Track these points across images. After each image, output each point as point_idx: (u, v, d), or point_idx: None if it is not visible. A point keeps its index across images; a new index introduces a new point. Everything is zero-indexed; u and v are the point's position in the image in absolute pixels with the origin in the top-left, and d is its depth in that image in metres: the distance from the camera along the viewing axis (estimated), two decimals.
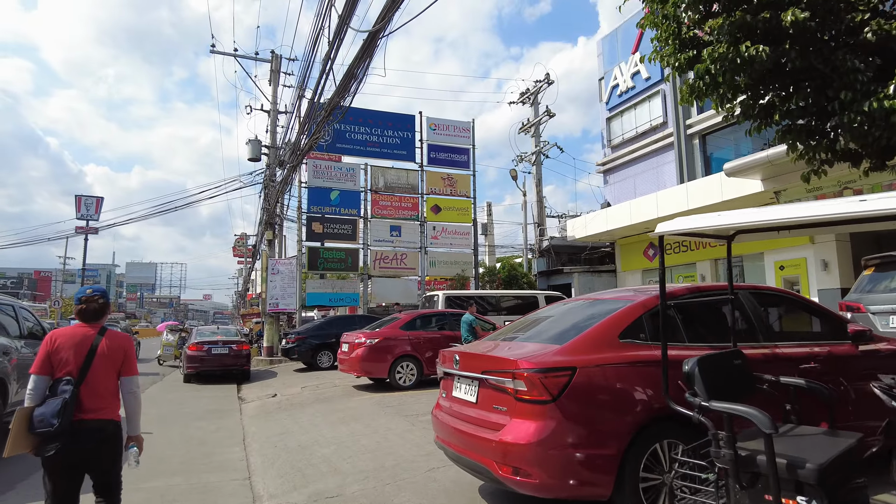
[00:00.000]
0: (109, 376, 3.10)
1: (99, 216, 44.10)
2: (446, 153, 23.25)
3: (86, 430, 2.95)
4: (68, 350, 3.00)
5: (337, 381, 12.73)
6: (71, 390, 2.91)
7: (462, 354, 4.20)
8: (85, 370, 3.00)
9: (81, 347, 3.02)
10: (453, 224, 23.01)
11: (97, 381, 3.03)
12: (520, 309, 15.89)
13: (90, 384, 3.00)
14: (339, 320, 16.91)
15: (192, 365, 14.18)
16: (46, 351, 3.00)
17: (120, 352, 3.14)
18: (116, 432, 3.11)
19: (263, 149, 20.41)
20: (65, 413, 2.84)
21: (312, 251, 20.56)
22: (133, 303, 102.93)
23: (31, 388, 2.96)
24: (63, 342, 3.02)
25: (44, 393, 2.95)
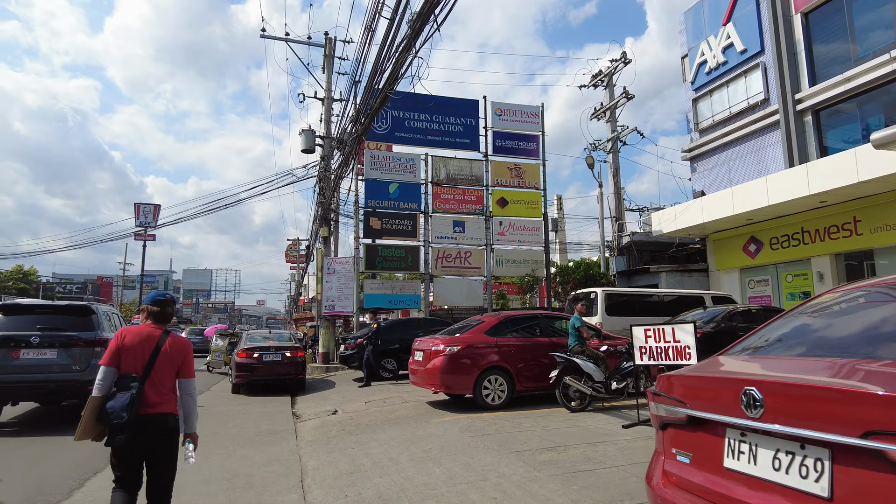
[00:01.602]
0: (169, 374, 3.34)
1: (156, 223, 44.83)
2: (513, 141, 21.14)
3: (150, 423, 3.19)
4: (135, 347, 3.25)
5: (406, 396, 10.81)
6: (137, 386, 3.15)
7: (777, 387, 1.95)
8: (149, 367, 3.25)
9: (147, 346, 3.27)
10: (521, 219, 20.83)
11: (160, 377, 3.28)
12: (680, 310, 13.73)
13: (154, 380, 3.25)
14: (400, 324, 15.06)
15: (242, 374, 12.58)
16: (116, 346, 3.23)
17: (180, 354, 3.38)
18: (175, 426, 3.32)
19: (317, 139, 18.88)
20: (132, 407, 3.08)
21: (370, 249, 18.82)
22: (189, 308, 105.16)
23: (100, 378, 3.18)
24: (131, 339, 3.27)
25: (111, 384, 3.20)
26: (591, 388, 8.36)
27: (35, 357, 7.74)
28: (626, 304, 14.63)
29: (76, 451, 6.39)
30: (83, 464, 6.16)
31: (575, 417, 7.97)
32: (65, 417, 8.88)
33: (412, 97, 20.16)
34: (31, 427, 8.54)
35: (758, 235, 18.69)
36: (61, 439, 7.35)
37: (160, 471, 3.33)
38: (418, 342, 9.53)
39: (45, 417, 9.32)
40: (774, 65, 18.07)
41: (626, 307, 14.43)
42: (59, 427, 8.06)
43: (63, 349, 7.88)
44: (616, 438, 6.55)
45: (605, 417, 7.95)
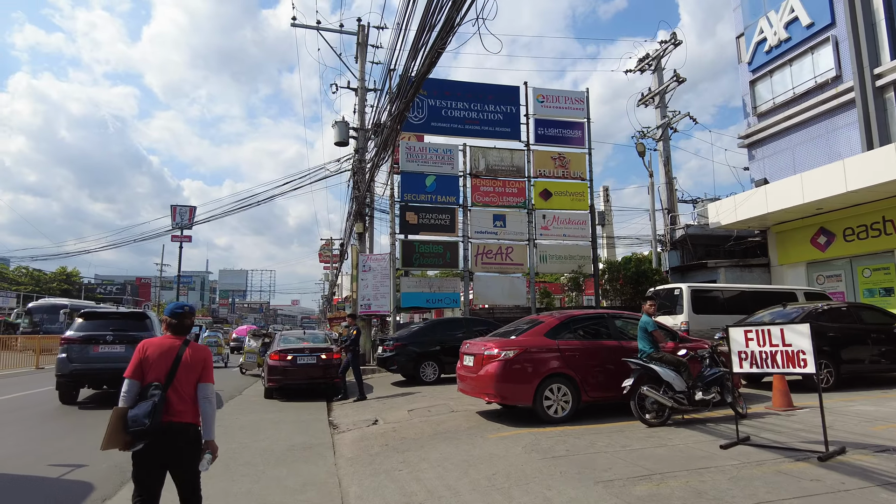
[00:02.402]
0: (191, 383, 3.38)
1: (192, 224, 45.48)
2: (556, 129, 19.90)
3: (171, 431, 3.21)
4: (157, 358, 3.31)
5: (452, 403, 9.78)
6: (160, 394, 3.19)
7: None
8: (171, 377, 3.30)
9: (168, 356, 3.33)
10: (566, 212, 19.59)
11: (181, 386, 3.32)
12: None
13: (176, 389, 3.29)
14: (440, 325, 14.04)
15: (274, 377, 11.76)
16: (139, 358, 3.32)
17: (200, 362, 3.43)
18: (197, 435, 3.36)
19: (351, 131, 18.04)
20: (154, 414, 3.11)
21: (406, 245, 17.86)
22: (225, 308, 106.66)
23: (125, 390, 3.25)
24: (152, 351, 3.34)
25: (136, 395, 3.25)
26: (671, 400, 7.19)
27: (108, 351, 10.35)
28: (713, 300, 13.33)
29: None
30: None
31: (657, 434, 6.80)
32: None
33: (449, 84, 19.29)
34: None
35: (829, 226, 17.05)
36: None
37: (185, 475, 3.35)
38: (468, 345, 8.48)
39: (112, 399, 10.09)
40: (849, 37, 16.38)
41: (713, 304, 13.13)
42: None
43: (128, 344, 10.25)
44: (720, 463, 5.38)
45: (693, 434, 6.76)
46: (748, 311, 11.49)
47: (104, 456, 5.43)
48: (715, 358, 7.73)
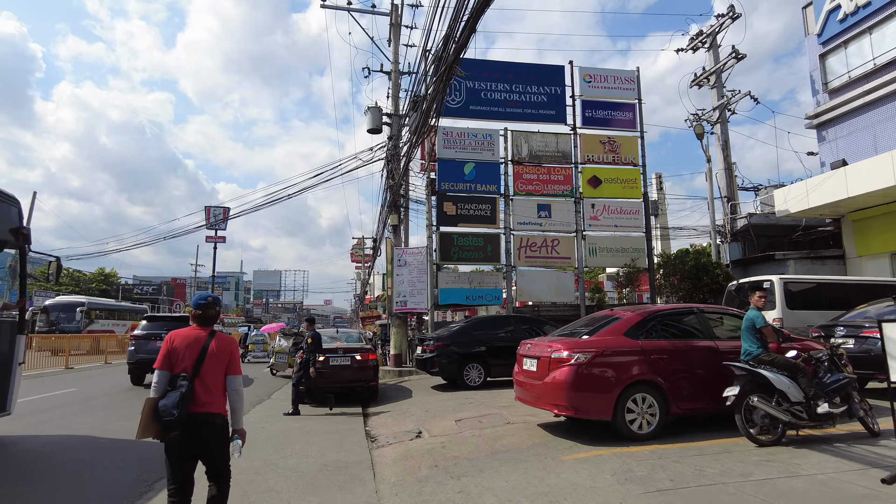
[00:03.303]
0: (218, 374, 3.41)
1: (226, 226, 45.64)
2: (605, 110, 18.39)
3: (199, 421, 3.27)
4: (184, 349, 3.35)
5: (506, 413, 8.51)
6: (187, 385, 3.25)
7: None
8: (198, 367, 3.33)
9: (195, 347, 3.37)
10: (617, 200, 18.06)
11: (208, 377, 3.36)
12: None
13: (202, 380, 3.33)
14: (485, 323, 12.77)
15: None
16: (167, 349, 3.36)
17: (227, 353, 3.47)
18: (224, 425, 3.41)
19: (385, 118, 16.93)
20: (182, 405, 3.19)
21: (444, 237, 16.64)
22: (259, 308, 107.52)
23: (155, 381, 3.32)
24: (179, 342, 3.38)
25: (165, 385, 3.31)
26: (788, 413, 5.77)
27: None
28: (810, 294, 11.74)
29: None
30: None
31: (776, 457, 5.40)
32: None
33: (488, 65, 17.98)
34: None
35: None
36: None
37: (214, 463, 3.43)
38: (529, 346, 7.17)
39: None
40: None
41: (809, 299, 11.56)
42: None
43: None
44: None
45: (827, 459, 5.33)
46: (849, 307, 9.86)
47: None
48: (836, 361, 6.27)
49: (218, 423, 3.37)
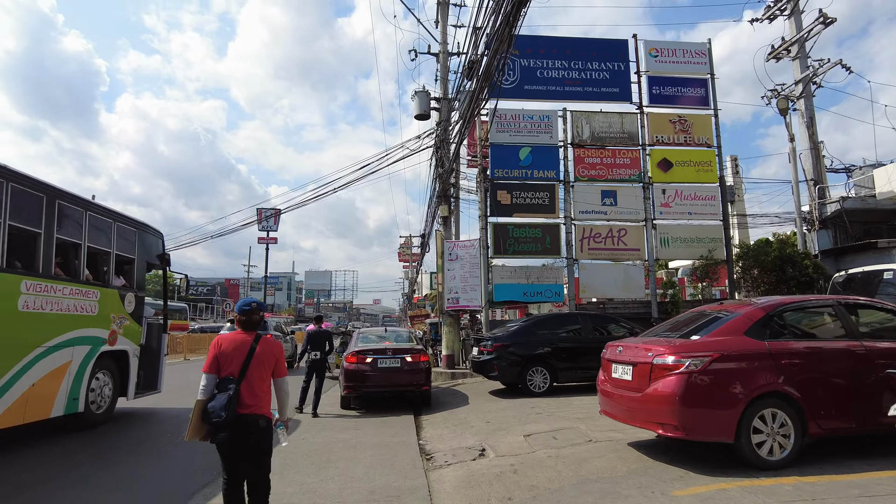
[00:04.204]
0: (264, 377, 3.49)
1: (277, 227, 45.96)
2: (674, 87, 16.68)
3: (244, 423, 3.34)
4: (231, 353, 3.44)
5: (583, 427, 7.20)
6: (234, 388, 3.33)
7: None
8: (244, 371, 3.41)
9: (241, 351, 3.45)
10: (690, 185, 16.33)
11: (254, 380, 3.43)
12: None
13: (249, 383, 3.41)
14: (551, 321, 11.43)
15: (351, 384, 9.67)
16: (214, 353, 3.46)
17: (272, 357, 3.54)
18: (267, 426, 3.47)
19: (433, 102, 15.82)
20: (229, 407, 3.26)
21: (498, 229, 15.37)
22: (310, 307, 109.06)
23: (203, 384, 3.42)
24: (227, 346, 3.47)
25: (212, 388, 3.40)
26: None
27: None
28: None
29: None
30: None
31: None
32: None
33: (544, 41, 16.57)
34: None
35: None
36: None
37: (256, 465, 3.49)
38: (620, 349, 5.81)
39: None
40: None
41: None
42: None
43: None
44: None
45: None
46: None
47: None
48: None
49: (261, 424, 3.43)
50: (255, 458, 3.48)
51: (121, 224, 8.64)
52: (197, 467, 5.98)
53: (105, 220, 8.27)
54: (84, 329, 7.67)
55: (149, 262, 9.50)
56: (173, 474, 5.98)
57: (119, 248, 8.51)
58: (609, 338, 10.84)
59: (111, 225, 8.38)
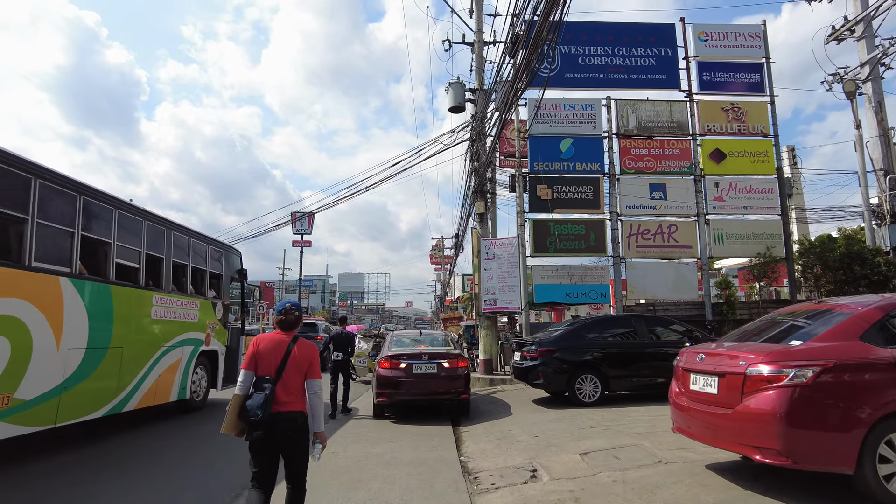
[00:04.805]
0: (298, 377, 3.56)
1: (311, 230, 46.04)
2: (726, 72, 15.55)
3: (281, 420, 3.41)
4: (269, 352, 3.53)
5: (644, 442, 6.36)
6: (270, 387, 3.40)
7: None
8: (280, 370, 3.48)
9: (278, 351, 3.54)
10: (745, 177, 15.17)
11: (289, 380, 3.50)
12: None
13: (284, 382, 3.47)
14: (601, 324, 10.51)
15: (384, 391, 8.98)
16: (252, 352, 3.55)
17: (307, 358, 3.61)
18: (304, 423, 3.53)
19: (468, 94, 15.07)
20: (266, 406, 3.32)
21: (538, 225, 14.51)
22: (344, 309, 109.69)
23: (241, 380, 3.50)
24: (264, 346, 3.56)
25: (249, 385, 3.47)
26: None
27: None
28: None
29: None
30: None
31: None
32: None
33: (585, 27, 15.63)
34: None
35: None
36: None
37: (293, 460, 3.53)
38: (701, 357, 4.92)
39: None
40: None
41: None
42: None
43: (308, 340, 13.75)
44: None
45: None
46: None
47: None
48: None
49: (298, 421, 3.48)
50: (291, 453, 3.51)
51: (212, 247, 10.56)
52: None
53: (201, 244, 10.07)
54: (189, 332, 9.42)
55: (231, 276, 11.38)
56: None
57: (211, 266, 10.39)
58: (666, 342, 9.90)
59: (206, 248, 10.24)
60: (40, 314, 6.02)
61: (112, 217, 7.45)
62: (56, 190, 6.42)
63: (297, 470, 3.55)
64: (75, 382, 6.58)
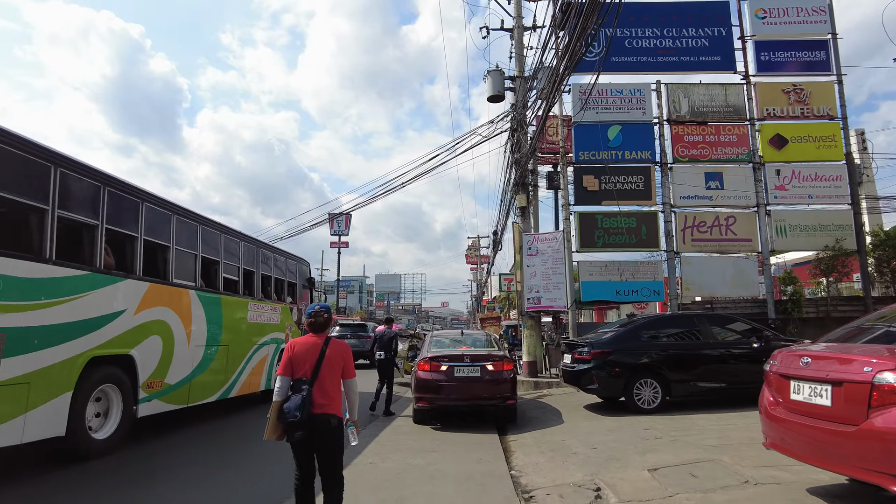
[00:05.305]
0: (334, 378, 3.64)
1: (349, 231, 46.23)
2: (787, 51, 14.40)
3: (318, 421, 3.49)
4: (303, 356, 3.62)
5: (723, 457, 5.59)
6: (308, 388, 3.48)
7: None
8: (316, 372, 3.56)
9: (313, 354, 3.62)
10: (810, 164, 14.00)
11: (325, 381, 3.57)
12: None
13: (320, 384, 3.55)
14: (659, 322, 9.68)
15: (424, 396, 8.41)
16: (288, 356, 3.65)
17: (341, 358, 3.69)
18: (338, 425, 3.61)
19: (507, 82, 14.38)
20: (304, 406, 3.42)
21: (585, 219, 13.70)
22: (381, 310, 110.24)
23: (278, 386, 3.58)
24: (299, 349, 3.65)
25: (287, 389, 3.54)
26: None
27: (351, 340, 17.63)
28: None
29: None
30: None
31: None
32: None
33: (632, 7, 14.63)
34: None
35: None
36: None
37: (328, 460, 3.61)
38: (806, 361, 4.11)
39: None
40: None
41: None
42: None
43: (358, 339, 18.73)
44: None
45: None
46: None
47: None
48: None
49: (332, 423, 3.54)
50: (328, 454, 3.59)
51: (289, 260, 12.17)
52: None
53: (280, 257, 11.66)
54: (273, 333, 10.81)
55: (303, 284, 12.91)
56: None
57: (288, 276, 11.94)
58: (732, 343, 9.03)
59: (284, 261, 11.86)
60: (178, 319, 7.66)
61: (220, 240, 9.14)
62: (186, 223, 8.13)
63: (333, 473, 3.62)
64: (199, 372, 8.22)
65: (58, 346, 5.51)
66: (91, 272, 6.07)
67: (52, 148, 5.69)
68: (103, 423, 6.31)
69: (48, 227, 5.47)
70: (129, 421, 6.55)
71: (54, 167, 5.60)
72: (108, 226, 6.33)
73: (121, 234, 6.66)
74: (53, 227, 5.52)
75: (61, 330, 5.59)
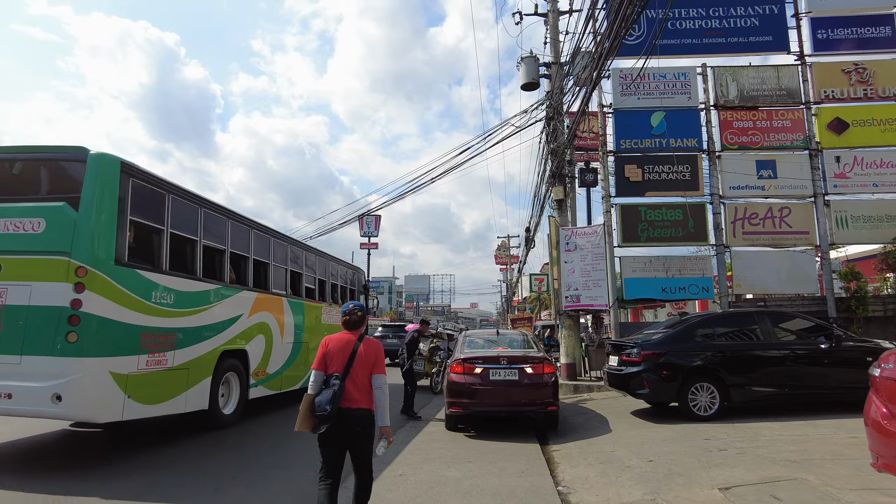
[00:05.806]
0: (365, 374, 3.69)
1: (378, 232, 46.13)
2: (846, 28, 13.32)
3: (349, 416, 3.57)
4: (337, 352, 3.73)
5: (806, 474, 4.88)
6: (339, 384, 3.58)
7: None
8: (348, 368, 3.65)
9: (346, 350, 3.72)
10: (874, 150, 12.91)
11: (357, 377, 3.66)
12: None
13: (352, 379, 3.64)
14: (715, 321, 8.85)
15: (458, 401, 7.78)
16: (322, 352, 3.76)
17: (373, 355, 3.77)
18: (370, 420, 3.68)
19: (541, 69, 13.67)
20: (334, 401, 3.51)
21: (627, 211, 12.89)
22: (410, 311, 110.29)
23: (312, 380, 3.71)
24: (333, 346, 3.76)
25: (320, 384, 3.65)
26: None
27: (390, 341, 17.68)
28: None
29: None
30: None
31: None
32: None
33: None
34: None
35: None
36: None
37: (359, 453, 3.67)
38: None
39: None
40: None
41: None
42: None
43: (398, 338, 16.97)
44: None
45: None
46: None
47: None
48: None
49: (366, 418, 3.62)
50: (357, 446, 3.63)
51: (349, 269, 13.74)
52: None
53: (341, 267, 13.16)
54: None
55: (360, 290, 14.37)
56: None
57: (349, 283, 13.47)
58: (797, 343, 8.20)
59: (346, 270, 13.42)
60: (275, 321, 9.25)
61: (302, 255, 10.76)
62: (280, 244, 9.73)
63: (363, 461, 3.68)
64: (288, 365, 9.78)
65: (204, 342, 7.23)
66: (222, 286, 7.79)
67: (197, 193, 7.45)
68: (226, 402, 7.88)
69: (198, 252, 7.25)
70: (243, 402, 8.18)
71: (200, 209, 7.34)
72: (231, 249, 8.05)
73: (238, 255, 8.35)
74: (201, 252, 7.29)
75: (206, 329, 7.32)
